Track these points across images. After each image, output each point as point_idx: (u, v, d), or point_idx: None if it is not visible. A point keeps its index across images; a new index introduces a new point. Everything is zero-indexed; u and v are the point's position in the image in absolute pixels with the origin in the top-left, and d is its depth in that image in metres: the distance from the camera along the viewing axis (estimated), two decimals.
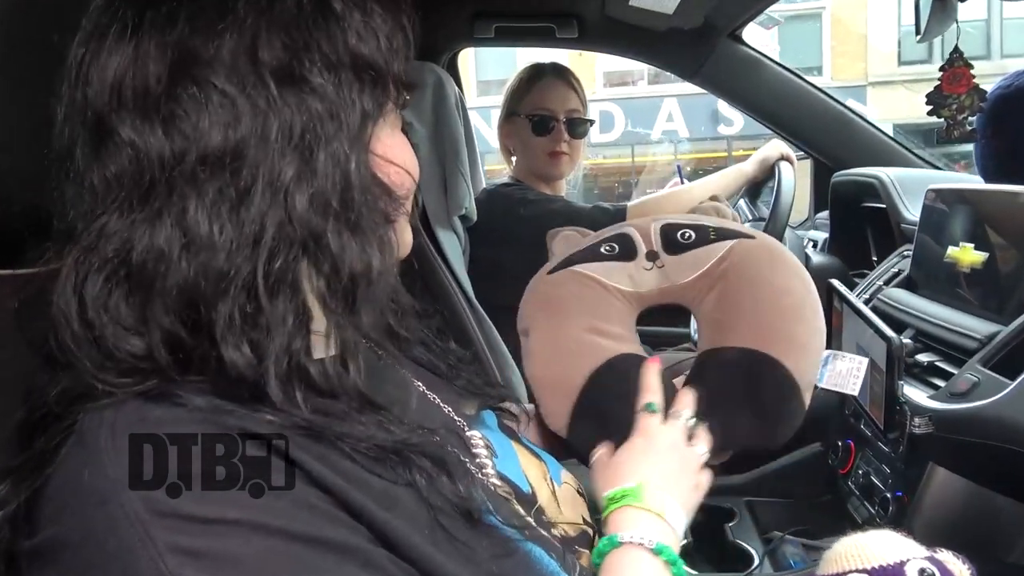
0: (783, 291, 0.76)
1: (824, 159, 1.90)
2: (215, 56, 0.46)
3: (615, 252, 0.80)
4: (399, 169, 0.54)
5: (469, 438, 0.63)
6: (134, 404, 0.44)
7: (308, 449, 0.45)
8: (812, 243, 1.90)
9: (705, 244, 0.79)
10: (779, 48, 9.96)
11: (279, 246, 0.46)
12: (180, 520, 0.40)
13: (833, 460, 1.28)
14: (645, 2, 1.59)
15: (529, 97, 1.64)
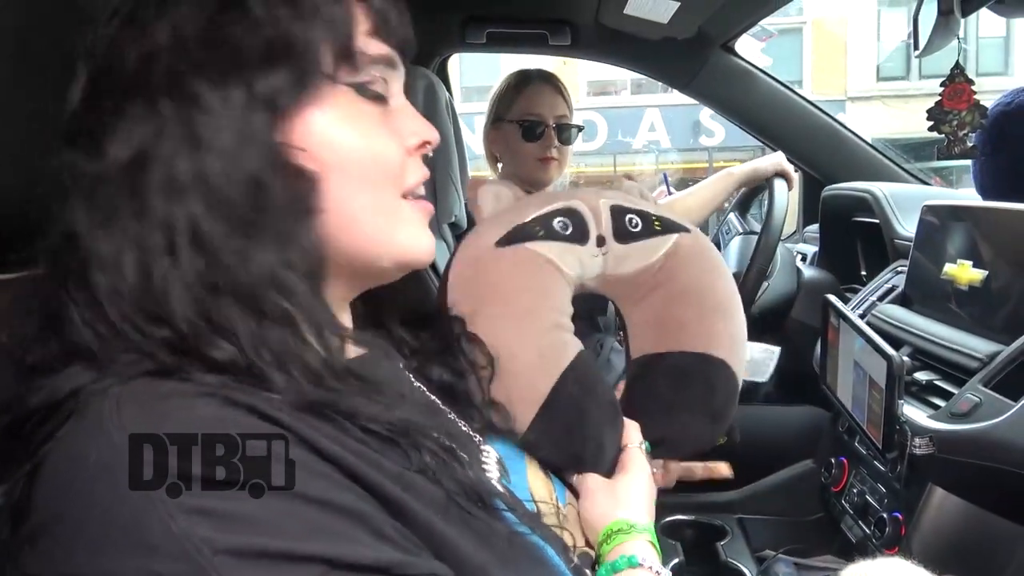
0: (722, 290, 0.76)
1: (814, 172, 1.90)
2: (121, 69, 0.48)
3: (568, 232, 0.73)
4: (345, 158, 0.51)
5: (481, 449, 0.62)
6: (142, 380, 0.43)
7: (319, 429, 0.44)
8: (802, 256, 1.90)
9: (651, 235, 0.75)
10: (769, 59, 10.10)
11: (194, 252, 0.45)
12: (190, 481, 0.38)
13: (826, 478, 1.26)
14: (640, 10, 1.57)
15: (517, 103, 1.62)
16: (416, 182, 0.56)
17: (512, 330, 0.69)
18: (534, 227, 0.72)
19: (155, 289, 0.45)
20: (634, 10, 1.59)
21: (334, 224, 0.51)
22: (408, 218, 0.55)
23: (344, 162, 0.51)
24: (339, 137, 0.51)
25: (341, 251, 0.53)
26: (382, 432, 0.47)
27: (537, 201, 0.75)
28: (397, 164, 0.54)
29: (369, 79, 0.53)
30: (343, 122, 0.51)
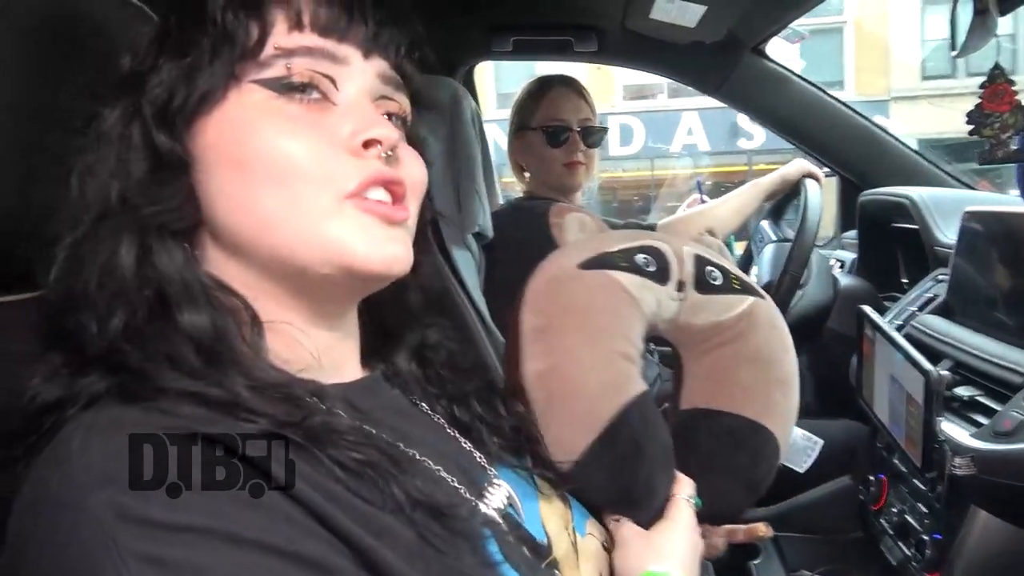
0: (787, 364, 0.75)
1: (851, 176, 1.84)
2: None
3: (651, 269, 0.72)
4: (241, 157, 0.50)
5: (491, 480, 0.60)
6: (113, 407, 0.43)
7: (288, 466, 0.42)
8: (839, 264, 1.85)
9: (729, 292, 0.74)
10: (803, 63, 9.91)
11: None
12: (148, 526, 0.37)
13: (864, 495, 1.22)
14: (666, 15, 1.54)
15: (540, 110, 1.61)
16: (361, 183, 0.50)
17: (582, 349, 0.68)
18: (618, 257, 0.72)
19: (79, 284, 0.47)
20: (660, 15, 1.56)
21: (251, 225, 0.50)
22: (351, 219, 0.50)
23: (243, 159, 0.49)
24: (239, 134, 0.49)
25: (271, 254, 0.51)
26: (353, 466, 0.45)
27: (623, 235, 0.76)
28: (314, 161, 0.50)
29: (282, 73, 0.50)
30: (248, 120, 0.50)
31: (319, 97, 0.51)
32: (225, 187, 0.50)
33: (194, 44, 0.50)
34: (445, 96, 1.50)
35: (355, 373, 0.59)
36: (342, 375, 0.56)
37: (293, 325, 0.52)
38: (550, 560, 0.58)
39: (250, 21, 0.50)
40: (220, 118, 0.50)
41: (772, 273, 1.53)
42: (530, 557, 0.55)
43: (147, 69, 0.50)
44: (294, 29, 0.51)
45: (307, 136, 0.50)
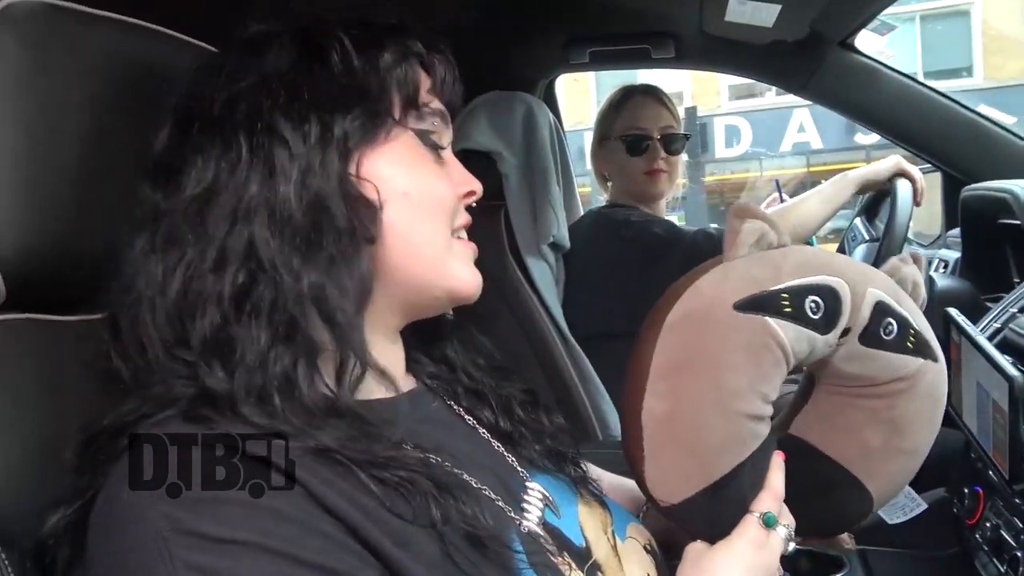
0: (923, 437, 0.69)
1: (954, 171, 1.73)
2: (205, 113, 0.55)
3: (817, 316, 0.63)
4: (408, 189, 0.57)
5: (526, 486, 0.62)
6: (175, 424, 0.48)
7: (328, 481, 0.47)
8: (943, 264, 1.74)
9: (898, 352, 0.65)
10: (920, 50, 9.32)
11: (239, 269, 0.51)
12: (197, 538, 0.43)
13: (959, 509, 1.15)
14: (741, 16, 1.52)
15: (620, 119, 1.62)
16: (462, 224, 0.62)
17: (710, 407, 0.62)
18: (783, 301, 0.63)
19: (188, 304, 0.51)
20: (735, 16, 1.54)
21: (398, 249, 0.57)
22: (459, 253, 0.61)
23: (408, 194, 0.57)
24: (404, 173, 0.58)
25: (401, 276, 0.58)
26: (390, 480, 0.48)
27: (796, 266, 0.65)
28: (451, 203, 0.60)
29: (430, 128, 0.61)
30: (407, 161, 0.58)
31: (439, 147, 0.62)
32: (391, 215, 0.56)
33: (370, 83, 0.57)
34: (519, 112, 1.55)
35: (406, 383, 0.64)
36: (397, 387, 0.60)
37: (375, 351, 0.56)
38: (592, 563, 0.60)
39: (410, 71, 0.59)
40: (384, 155, 0.57)
41: None
42: (555, 565, 0.56)
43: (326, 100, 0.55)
44: (433, 91, 0.61)
45: (444, 179, 0.61)
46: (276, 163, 0.52)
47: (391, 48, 0.58)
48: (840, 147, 11.50)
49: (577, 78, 7.57)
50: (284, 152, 0.53)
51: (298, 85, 0.54)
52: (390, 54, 0.58)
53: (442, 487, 0.50)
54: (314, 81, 0.55)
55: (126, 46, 0.65)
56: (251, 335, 0.50)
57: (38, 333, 0.58)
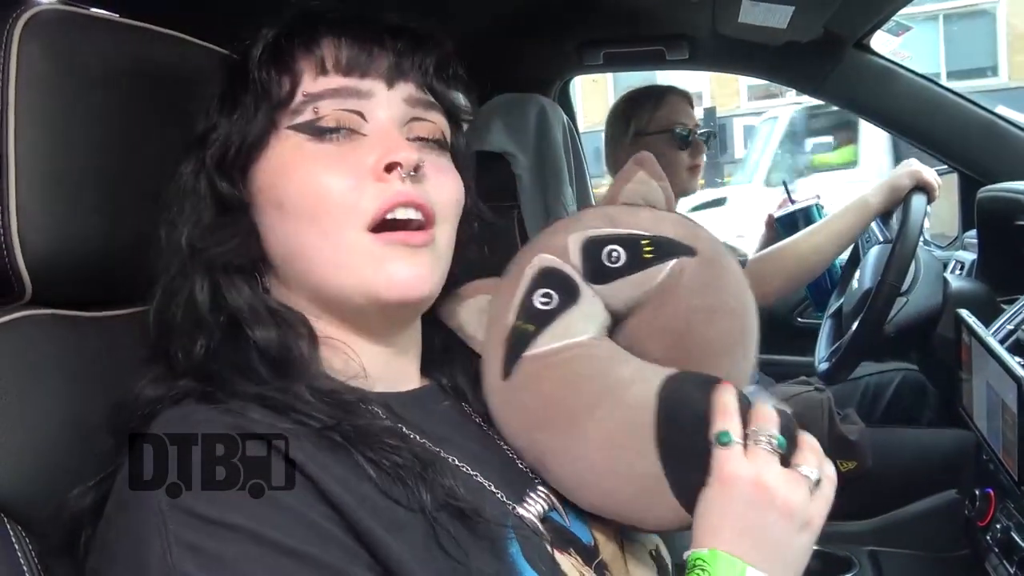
0: (705, 336, 0.62)
1: (971, 172, 1.72)
2: None
3: (556, 304, 0.60)
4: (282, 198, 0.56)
5: (535, 486, 0.62)
6: (188, 405, 0.51)
7: (324, 465, 0.48)
8: (959, 265, 1.73)
9: (638, 268, 0.61)
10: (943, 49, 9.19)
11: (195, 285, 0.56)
12: (191, 517, 0.44)
13: (969, 511, 1.14)
14: (755, 18, 1.52)
15: (659, 114, 1.61)
16: (380, 206, 0.54)
17: (585, 449, 0.58)
18: (521, 327, 0.60)
19: (168, 312, 0.56)
20: (749, 18, 1.54)
21: (295, 262, 0.57)
22: (371, 251, 0.54)
23: (283, 199, 0.56)
24: (277, 178, 0.56)
25: (314, 288, 0.58)
26: (386, 467, 0.50)
27: (508, 286, 0.63)
28: (339, 194, 0.54)
29: (311, 117, 0.56)
30: (285, 164, 0.56)
31: (348, 133, 0.57)
32: (273, 226, 0.57)
33: (240, 101, 0.57)
34: (532, 113, 1.56)
35: (412, 384, 0.64)
36: (397, 386, 0.61)
37: (346, 343, 0.58)
38: (599, 561, 0.60)
39: (282, 75, 0.57)
40: (266, 163, 0.57)
41: (874, 278, 1.46)
42: (553, 561, 0.56)
43: (209, 128, 0.58)
44: (320, 75, 0.57)
45: (335, 172, 0.55)
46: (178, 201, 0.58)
47: (256, 52, 0.58)
48: None
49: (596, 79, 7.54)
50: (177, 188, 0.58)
51: (199, 134, 0.59)
52: (256, 58, 0.57)
53: (424, 463, 0.52)
54: (208, 124, 0.59)
55: (146, 51, 0.67)
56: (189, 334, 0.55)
57: (62, 328, 0.60)
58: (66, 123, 0.59)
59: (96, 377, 0.59)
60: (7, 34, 0.56)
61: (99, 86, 0.62)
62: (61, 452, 0.56)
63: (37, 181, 0.58)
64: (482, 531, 0.52)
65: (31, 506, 0.54)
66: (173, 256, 0.56)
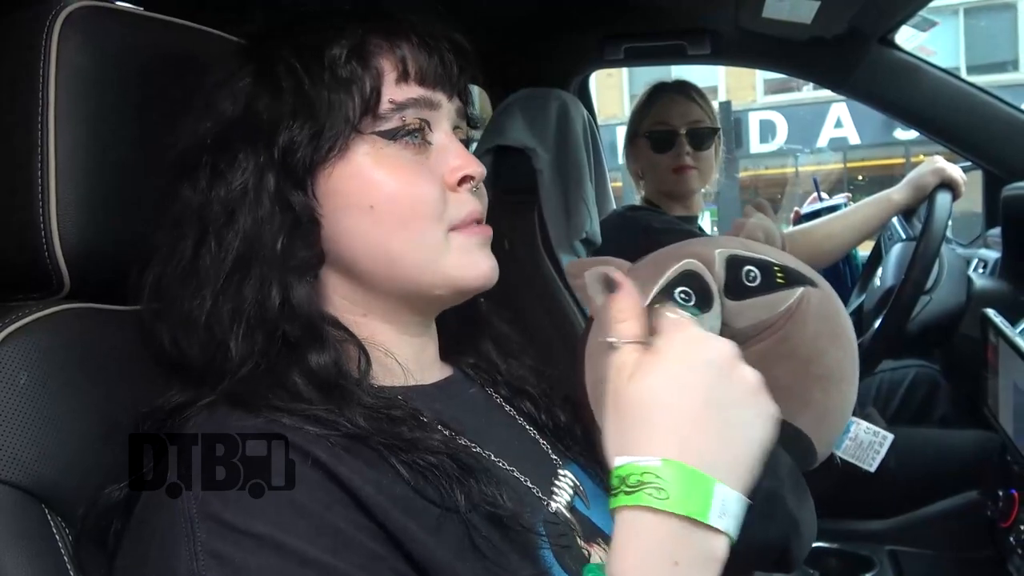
0: (832, 358, 0.67)
1: (995, 170, 1.70)
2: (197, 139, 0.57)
3: (691, 302, 0.66)
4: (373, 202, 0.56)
5: (557, 473, 0.63)
6: (223, 409, 0.50)
7: (357, 469, 0.48)
8: (983, 264, 1.72)
9: (770, 291, 0.67)
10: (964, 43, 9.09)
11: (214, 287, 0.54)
12: (218, 525, 0.45)
13: (992, 511, 1.14)
14: (779, 13, 1.51)
15: (648, 116, 1.61)
16: (464, 216, 0.59)
17: None
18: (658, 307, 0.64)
19: (215, 317, 0.53)
20: (773, 13, 1.52)
21: (376, 260, 0.57)
22: (457, 248, 0.58)
23: (373, 207, 0.56)
24: (367, 183, 0.56)
25: (388, 284, 0.58)
26: (421, 468, 0.50)
27: (650, 271, 0.67)
28: (434, 202, 0.57)
29: (397, 125, 0.57)
30: (371, 169, 0.56)
31: (420, 140, 0.58)
32: (355, 230, 0.56)
33: (317, 97, 0.55)
34: (552, 108, 1.56)
35: (438, 372, 0.65)
36: (426, 377, 0.62)
37: (387, 347, 0.59)
38: None
39: (364, 72, 0.56)
40: (344, 167, 0.56)
41: (896, 276, 1.46)
42: (584, 557, 0.57)
43: (272, 119, 0.55)
44: (401, 80, 0.57)
45: (420, 179, 0.57)
46: (216, 201, 0.55)
47: (337, 48, 0.55)
48: (878, 143, 11.30)
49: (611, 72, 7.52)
50: (223, 189, 0.54)
51: (239, 118, 0.55)
52: (337, 54, 0.55)
53: (465, 468, 0.52)
54: (256, 109, 0.55)
55: (177, 45, 0.68)
56: (239, 342, 0.53)
57: (101, 322, 0.61)
58: (103, 118, 0.60)
59: (134, 371, 0.60)
60: (47, 31, 0.57)
61: (134, 81, 0.62)
62: (99, 445, 0.56)
63: (76, 176, 0.58)
64: (516, 534, 0.52)
65: (70, 498, 0.55)
66: (224, 259, 0.54)
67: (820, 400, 0.67)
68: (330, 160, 0.55)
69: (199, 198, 0.55)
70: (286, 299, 0.54)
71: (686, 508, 0.42)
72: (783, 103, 11.96)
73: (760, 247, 0.70)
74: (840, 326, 0.69)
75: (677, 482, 0.42)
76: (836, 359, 0.68)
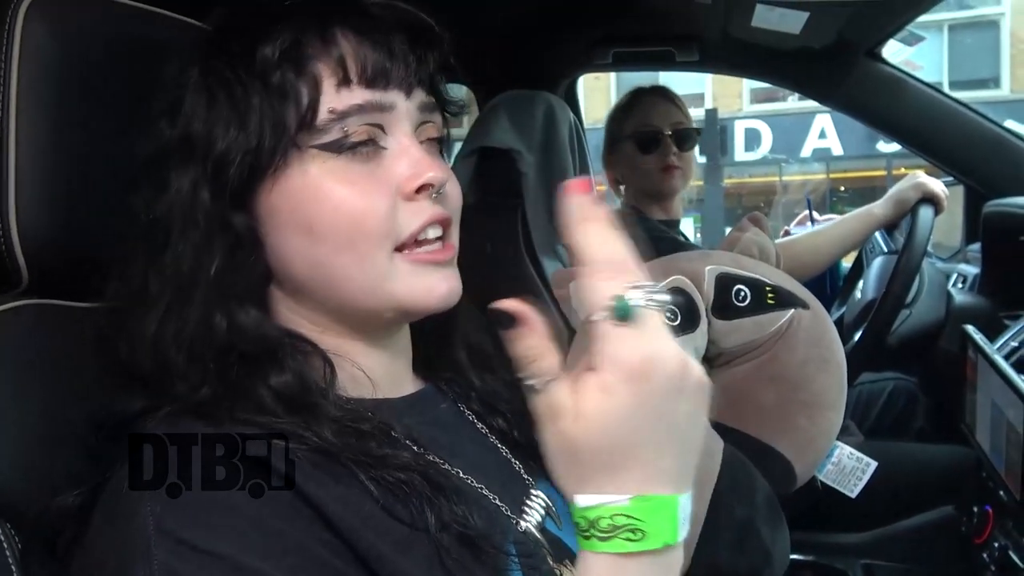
0: (820, 385, 0.67)
1: (976, 186, 1.72)
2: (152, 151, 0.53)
3: (678, 322, 0.65)
4: (312, 222, 0.51)
5: (529, 492, 0.61)
6: (185, 419, 0.48)
7: (325, 484, 0.46)
8: (962, 279, 1.73)
9: (760, 311, 0.67)
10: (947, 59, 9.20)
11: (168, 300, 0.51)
12: (178, 543, 0.42)
13: (967, 527, 1.14)
14: (768, 22, 1.50)
15: (630, 119, 1.61)
16: (416, 228, 0.53)
17: None
18: None
19: (163, 341, 0.50)
20: (762, 22, 1.52)
21: (322, 284, 0.53)
22: (405, 271, 0.53)
23: (314, 224, 0.51)
24: (305, 201, 0.51)
25: (342, 305, 0.54)
26: (389, 485, 0.48)
27: None
28: (379, 219, 0.52)
29: (338, 136, 0.51)
30: (313, 185, 0.51)
31: (372, 148, 0.52)
32: (296, 248, 0.52)
33: (249, 107, 0.50)
34: (539, 112, 1.54)
35: (409, 386, 0.62)
36: (398, 389, 0.60)
37: (350, 353, 0.56)
38: None
39: (300, 80, 0.50)
40: (287, 183, 0.51)
41: (877, 289, 1.46)
42: (551, 565, 0.55)
43: (205, 132, 0.51)
44: (342, 85, 0.51)
45: (370, 194, 0.52)
46: (158, 218, 0.51)
47: (270, 53, 0.50)
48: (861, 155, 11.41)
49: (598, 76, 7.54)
50: (164, 206, 0.51)
51: (183, 130, 0.51)
52: (270, 61, 0.50)
53: (435, 486, 0.50)
54: (194, 119, 0.51)
55: (151, 36, 0.65)
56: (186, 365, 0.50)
57: (59, 319, 0.59)
58: (68, 108, 0.58)
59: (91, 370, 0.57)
60: (10, 18, 0.54)
61: (101, 70, 0.60)
62: (52, 448, 0.54)
63: (38, 168, 0.56)
64: (486, 555, 0.51)
65: (19, 503, 0.52)
66: (168, 282, 0.51)
67: (805, 427, 0.67)
68: (268, 176, 0.51)
69: (144, 216, 0.52)
70: (232, 323, 0.51)
71: (661, 539, 0.39)
72: (768, 112, 12.04)
73: (753, 264, 0.70)
74: (830, 351, 0.69)
75: (649, 516, 0.39)
76: (824, 385, 0.68)
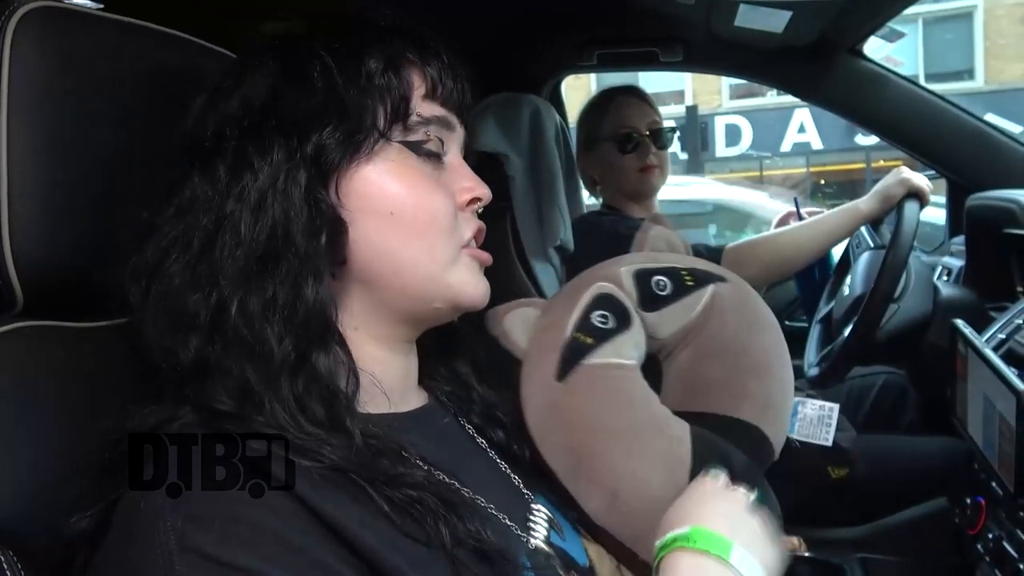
0: (758, 347, 0.68)
1: (959, 179, 1.74)
2: (200, 138, 0.55)
3: (612, 325, 0.66)
4: (394, 208, 0.56)
5: (531, 508, 0.63)
6: (203, 436, 0.48)
7: (341, 503, 0.47)
8: (947, 272, 1.75)
9: (682, 295, 0.68)
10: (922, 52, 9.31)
11: (209, 293, 0.51)
12: (200, 558, 0.43)
13: (960, 519, 1.15)
14: (752, 22, 1.52)
15: (607, 120, 1.61)
16: (468, 236, 0.60)
17: (628, 461, 0.63)
18: (581, 339, 0.67)
19: (178, 323, 0.51)
20: (745, 22, 1.53)
21: (387, 267, 0.56)
22: (463, 265, 0.60)
23: (394, 214, 0.56)
24: (389, 189, 0.56)
25: (392, 292, 0.57)
26: (403, 504, 0.49)
27: (565, 303, 0.69)
28: (448, 216, 0.58)
29: (422, 138, 0.58)
30: (394, 176, 0.56)
31: (436, 157, 0.59)
32: (372, 234, 0.56)
33: (350, 100, 0.55)
34: (526, 113, 1.54)
35: (416, 399, 0.64)
36: (406, 403, 0.61)
37: (373, 369, 0.57)
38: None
39: (397, 82, 0.57)
40: (369, 171, 0.56)
41: (865, 284, 1.47)
42: None
43: (305, 117, 0.54)
44: (428, 97, 0.58)
45: (437, 194, 0.58)
46: (243, 189, 0.52)
47: (376, 57, 0.56)
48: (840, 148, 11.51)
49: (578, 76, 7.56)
50: (251, 177, 0.52)
51: (270, 108, 0.54)
52: (375, 63, 0.56)
53: (448, 505, 0.51)
54: (288, 103, 0.54)
55: (145, 52, 0.65)
56: (225, 356, 0.50)
57: (55, 340, 0.58)
58: (60, 126, 0.57)
59: (90, 391, 0.57)
60: (0, 33, 0.53)
61: (95, 87, 0.59)
62: (58, 473, 0.53)
63: (30, 187, 0.55)
64: (502, 570, 0.51)
65: (26, 529, 0.51)
66: (246, 251, 0.52)
67: (757, 390, 0.67)
68: (355, 163, 0.55)
69: (216, 186, 0.53)
70: (309, 295, 0.52)
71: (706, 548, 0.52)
72: (748, 108, 12.12)
73: (665, 256, 0.72)
74: (756, 312, 0.70)
75: (701, 537, 0.53)
76: (762, 348, 0.69)
